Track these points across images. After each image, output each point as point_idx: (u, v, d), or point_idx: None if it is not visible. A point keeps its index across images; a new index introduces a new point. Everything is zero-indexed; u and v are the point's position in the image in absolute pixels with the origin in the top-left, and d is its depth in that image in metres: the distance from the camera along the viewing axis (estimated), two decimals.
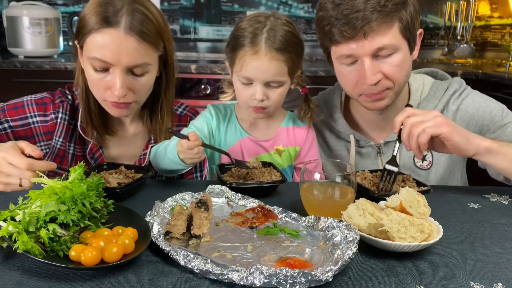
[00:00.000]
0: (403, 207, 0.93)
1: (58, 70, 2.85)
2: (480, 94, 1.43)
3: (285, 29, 1.28)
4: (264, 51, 1.25)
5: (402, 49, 1.26)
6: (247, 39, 1.27)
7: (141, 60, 1.23)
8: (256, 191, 1.17)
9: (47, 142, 1.38)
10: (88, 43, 1.22)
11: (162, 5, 3.59)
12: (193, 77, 2.94)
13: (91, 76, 1.25)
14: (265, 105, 1.31)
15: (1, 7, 3.40)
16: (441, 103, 1.42)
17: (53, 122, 1.37)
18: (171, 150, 1.20)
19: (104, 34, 1.19)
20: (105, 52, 1.20)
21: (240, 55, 1.28)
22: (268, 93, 1.30)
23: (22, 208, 0.87)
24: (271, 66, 1.25)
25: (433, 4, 3.72)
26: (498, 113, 1.37)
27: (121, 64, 1.21)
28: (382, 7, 1.19)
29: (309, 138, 1.47)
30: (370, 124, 1.50)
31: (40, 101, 1.38)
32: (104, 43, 1.19)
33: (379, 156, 1.48)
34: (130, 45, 1.20)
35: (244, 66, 1.27)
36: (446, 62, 3.69)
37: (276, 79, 1.28)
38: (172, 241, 0.90)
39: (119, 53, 1.20)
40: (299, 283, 0.73)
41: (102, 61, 1.20)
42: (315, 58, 3.70)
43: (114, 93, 1.23)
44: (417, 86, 1.45)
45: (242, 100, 1.35)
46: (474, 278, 0.82)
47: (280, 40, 1.26)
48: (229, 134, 1.43)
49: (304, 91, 1.45)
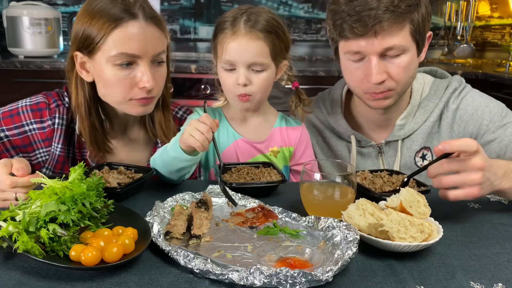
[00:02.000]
0: (403, 207, 0.93)
1: (58, 70, 2.82)
2: (480, 93, 1.43)
3: (267, 14, 1.30)
4: (243, 31, 1.26)
5: (410, 51, 1.25)
6: (227, 23, 1.28)
7: (161, 47, 1.26)
8: (256, 191, 1.17)
9: (47, 148, 1.35)
10: (108, 43, 1.19)
11: (162, 5, 3.59)
12: (193, 77, 2.94)
13: (115, 76, 1.22)
14: (249, 92, 1.30)
15: (1, 7, 3.40)
16: (441, 102, 1.42)
17: (50, 128, 1.33)
18: (173, 145, 1.18)
19: (127, 28, 1.20)
20: (132, 44, 1.20)
21: (220, 39, 1.29)
22: (251, 77, 1.29)
23: (22, 208, 0.87)
24: (250, 45, 1.25)
25: (433, 4, 3.72)
26: (497, 113, 1.37)
27: (148, 54, 1.22)
28: (395, 7, 1.18)
29: (304, 139, 1.47)
30: (371, 124, 1.50)
31: (35, 106, 1.33)
32: (130, 36, 1.20)
33: (380, 156, 1.48)
34: (153, 33, 1.23)
35: (224, 49, 1.28)
36: (446, 62, 3.69)
37: (258, 60, 1.27)
38: (172, 241, 0.90)
39: (145, 44, 1.21)
40: (299, 283, 0.73)
41: (129, 55, 1.20)
42: (315, 58, 3.70)
43: (145, 85, 1.22)
44: (418, 86, 1.46)
45: (227, 89, 1.34)
46: (474, 278, 0.82)
47: (259, 20, 1.27)
48: (222, 137, 1.42)
49: (295, 85, 1.45)
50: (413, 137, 1.44)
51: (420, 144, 1.44)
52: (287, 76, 1.43)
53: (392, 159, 1.47)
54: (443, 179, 1.01)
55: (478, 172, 0.99)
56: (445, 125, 1.42)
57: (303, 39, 3.72)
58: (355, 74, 1.31)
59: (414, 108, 1.44)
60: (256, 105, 1.38)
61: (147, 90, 1.24)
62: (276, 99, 1.44)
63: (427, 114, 1.42)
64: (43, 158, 1.36)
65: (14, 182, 1.02)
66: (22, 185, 1.02)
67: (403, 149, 1.45)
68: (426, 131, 1.43)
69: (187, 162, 1.18)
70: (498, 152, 1.33)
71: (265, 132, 1.44)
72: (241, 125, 1.43)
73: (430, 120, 1.43)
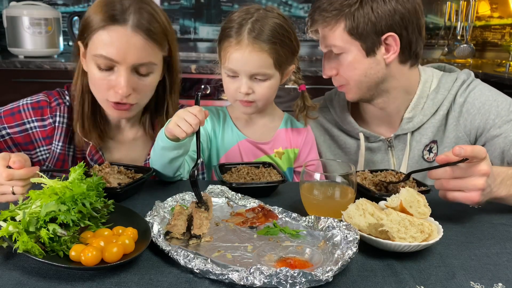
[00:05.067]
0: (403, 207, 0.93)
1: (58, 70, 2.85)
2: (489, 87, 1.43)
3: (274, 21, 1.26)
4: (246, 42, 1.24)
5: (352, 51, 1.31)
6: (233, 30, 1.26)
7: (146, 59, 1.22)
8: (256, 191, 1.17)
9: (47, 147, 1.36)
10: (94, 41, 1.21)
11: (162, 5, 3.59)
12: (193, 77, 2.94)
13: (95, 75, 1.23)
14: (251, 99, 1.30)
15: (1, 7, 3.40)
16: (450, 94, 1.42)
17: (51, 126, 1.34)
18: (160, 135, 1.15)
19: (111, 31, 1.19)
20: (111, 49, 1.19)
21: (225, 46, 1.28)
22: (253, 86, 1.28)
23: (22, 208, 0.87)
24: (253, 57, 1.24)
25: (433, 4, 3.72)
26: (505, 108, 1.36)
27: (127, 62, 1.20)
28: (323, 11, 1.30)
29: (309, 141, 1.47)
30: (377, 120, 1.51)
31: (36, 105, 1.34)
32: (111, 40, 1.19)
33: (389, 150, 1.48)
34: (137, 43, 1.20)
35: (227, 57, 1.27)
36: (446, 62, 3.66)
37: (260, 71, 1.26)
38: (172, 241, 0.90)
39: (125, 51, 1.19)
40: (299, 283, 0.73)
41: (107, 58, 1.19)
42: (315, 58, 3.70)
43: (117, 92, 1.22)
44: (426, 77, 1.45)
45: (228, 93, 1.33)
46: (474, 278, 0.82)
47: (263, 31, 1.24)
48: (226, 137, 1.41)
49: (302, 88, 1.44)
50: (422, 131, 1.44)
51: (430, 137, 1.44)
52: (295, 78, 1.43)
53: (401, 153, 1.47)
54: (444, 182, 1.02)
55: (481, 178, 0.99)
56: (452, 118, 1.42)
57: (303, 39, 3.71)
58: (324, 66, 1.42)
59: (422, 100, 1.43)
60: (259, 110, 1.38)
61: (121, 96, 1.22)
62: (278, 97, 1.44)
63: (435, 106, 1.42)
64: (43, 156, 1.37)
65: (10, 174, 1.03)
66: (19, 178, 1.03)
67: (412, 143, 1.45)
68: (435, 125, 1.43)
69: (176, 150, 1.15)
70: (503, 147, 1.33)
71: (270, 133, 1.44)
72: (246, 126, 1.43)
73: (439, 114, 1.42)
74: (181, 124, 1.07)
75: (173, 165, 1.20)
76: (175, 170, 1.22)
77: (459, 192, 1.01)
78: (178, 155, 1.17)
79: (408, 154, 1.45)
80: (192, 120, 1.06)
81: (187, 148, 1.19)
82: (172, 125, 1.08)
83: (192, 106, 1.09)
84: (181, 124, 1.07)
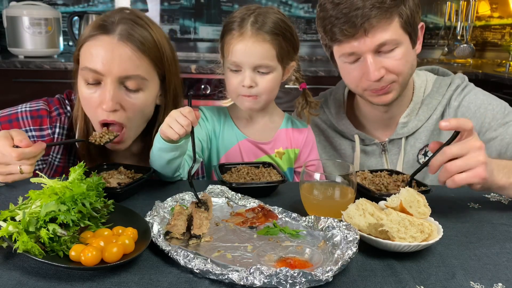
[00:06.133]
0: (403, 207, 0.93)
1: (58, 70, 2.85)
2: (483, 92, 1.44)
3: (276, 15, 1.28)
4: (250, 33, 1.25)
5: (404, 43, 1.27)
6: (235, 24, 1.27)
7: (134, 71, 1.16)
8: (256, 191, 1.17)
9: (44, 158, 1.29)
10: (82, 55, 1.17)
11: (162, 5, 3.59)
12: (193, 77, 2.94)
13: (83, 92, 1.18)
14: (254, 93, 1.30)
15: (1, 7, 3.40)
16: (444, 99, 1.42)
17: (50, 137, 1.29)
18: (157, 136, 1.15)
19: (97, 41, 1.15)
20: (96, 60, 1.13)
21: (227, 40, 1.28)
22: (256, 79, 1.29)
23: (22, 208, 0.87)
24: (256, 48, 1.25)
25: (433, 4, 3.72)
26: (500, 111, 1.37)
27: (112, 73, 1.14)
28: (381, 3, 1.21)
29: (310, 141, 1.46)
30: (374, 123, 1.50)
31: (36, 113, 1.29)
32: (96, 51, 1.14)
33: (383, 154, 1.48)
34: (123, 53, 1.14)
35: (231, 50, 1.27)
36: (446, 62, 3.69)
37: (263, 63, 1.27)
38: (172, 241, 0.90)
39: (110, 62, 1.13)
40: (299, 283, 0.73)
41: (92, 70, 1.14)
42: (315, 58, 3.70)
43: (103, 107, 1.15)
44: (420, 82, 1.46)
45: (231, 89, 1.33)
46: (474, 278, 0.82)
47: (266, 22, 1.25)
48: (226, 136, 1.41)
49: (303, 86, 1.44)
50: (416, 135, 1.45)
51: (424, 142, 1.44)
52: (295, 77, 1.43)
53: (395, 157, 1.47)
54: (447, 165, 1.02)
55: (479, 151, 1.01)
56: None
57: (303, 39, 3.72)
58: (353, 74, 1.32)
59: (417, 105, 1.44)
60: (262, 106, 1.37)
61: (107, 113, 1.16)
62: (278, 98, 1.44)
63: (430, 111, 1.43)
64: (39, 166, 1.32)
65: (21, 153, 1.00)
66: (29, 156, 1.01)
67: (406, 147, 1.45)
68: (429, 129, 1.43)
69: (173, 152, 1.15)
70: (499, 150, 1.33)
71: (271, 133, 1.44)
72: (247, 126, 1.43)
73: (433, 118, 1.43)
74: (173, 125, 1.08)
75: (172, 166, 1.20)
76: (174, 171, 1.22)
77: (465, 173, 1.01)
78: (175, 157, 1.17)
79: (403, 159, 1.45)
80: (183, 121, 1.07)
81: (184, 149, 1.18)
82: (165, 126, 1.09)
83: (184, 107, 1.10)
84: (173, 125, 1.08)
